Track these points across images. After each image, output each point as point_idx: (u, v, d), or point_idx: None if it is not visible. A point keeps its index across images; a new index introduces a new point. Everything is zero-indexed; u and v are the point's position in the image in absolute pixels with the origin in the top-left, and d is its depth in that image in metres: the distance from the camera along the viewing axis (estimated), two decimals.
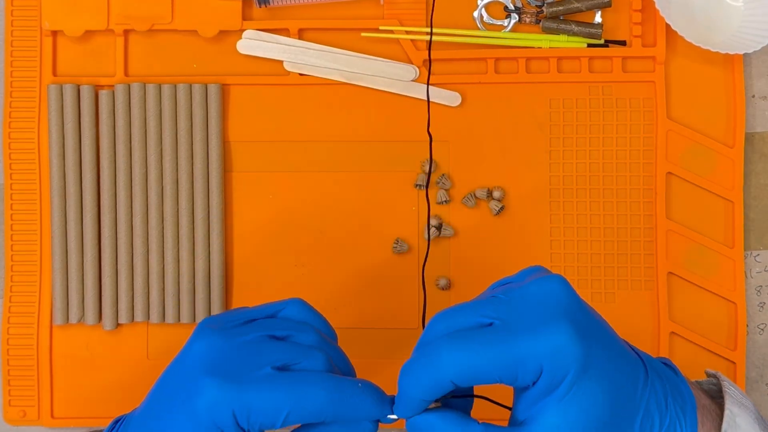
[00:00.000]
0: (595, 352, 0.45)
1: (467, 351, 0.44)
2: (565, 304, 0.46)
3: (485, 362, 0.44)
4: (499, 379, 0.45)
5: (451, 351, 0.45)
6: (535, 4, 0.68)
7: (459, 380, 0.45)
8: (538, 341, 0.44)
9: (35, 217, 0.67)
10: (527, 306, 0.46)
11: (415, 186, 0.67)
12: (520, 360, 0.44)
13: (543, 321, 0.44)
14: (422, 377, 0.46)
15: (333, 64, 0.68)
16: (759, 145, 0.68)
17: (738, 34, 0.67)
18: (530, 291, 0.46)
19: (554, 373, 0.44)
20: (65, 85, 0.67)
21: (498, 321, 0.45)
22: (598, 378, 0.45)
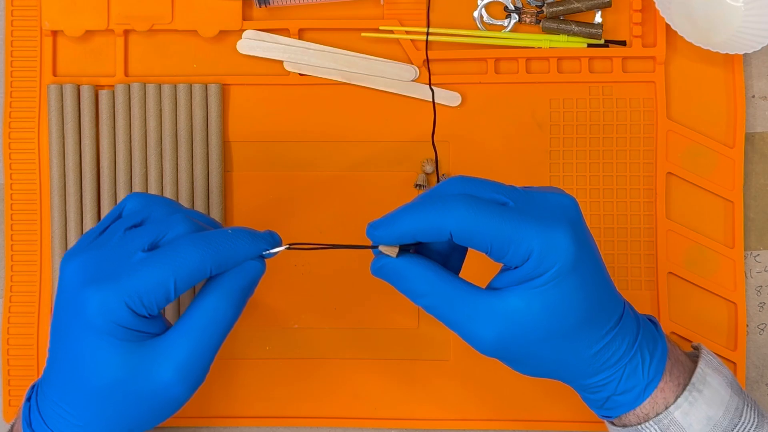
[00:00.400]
0: (584, 262, 0.49)
1: (476, 211, 0.48)
2: (572, 216, 0.50)
3: (486, 228, 0.48)
4: (489, 248, 0.49)
5: (462, 206, 0.48)
6: (535, 4, 0.68)
7: (457, 234, 0.49)
8: (538, 229, 0.48)
9: (35, 217, 0.67)
10: (540, 204, 0.50)
11: (415, 186, 0.67)
12: (516, 239, 0.48)
13: (549, 218, 0.49)
14: (426, 218, 0.49)
15: (333, 64, 0.68)
16: (759, 145, 0.68)
17: (738, 34, 0.67)
18: (546, 196, 0.51)
19: (540, 262, 0.48)
20: (65, 85, 0.67)
21: (511, 203, 0.49)
22: (578, 286, 0.49)
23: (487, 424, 0.67)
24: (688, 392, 0.52)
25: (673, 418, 0.52)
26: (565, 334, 0.50)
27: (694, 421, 0.52)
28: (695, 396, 0.52)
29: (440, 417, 0.67)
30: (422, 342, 0.67)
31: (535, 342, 0.50)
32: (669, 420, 0.52)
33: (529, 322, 0.49)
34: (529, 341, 0.50)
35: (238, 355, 0.67)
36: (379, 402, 0.67)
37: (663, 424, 0.52)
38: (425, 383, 0.67)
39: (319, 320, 0.67)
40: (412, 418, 0.67)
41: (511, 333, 0.49)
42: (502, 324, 0.49)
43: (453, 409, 0.67)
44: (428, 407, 0.67)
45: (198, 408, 0.67)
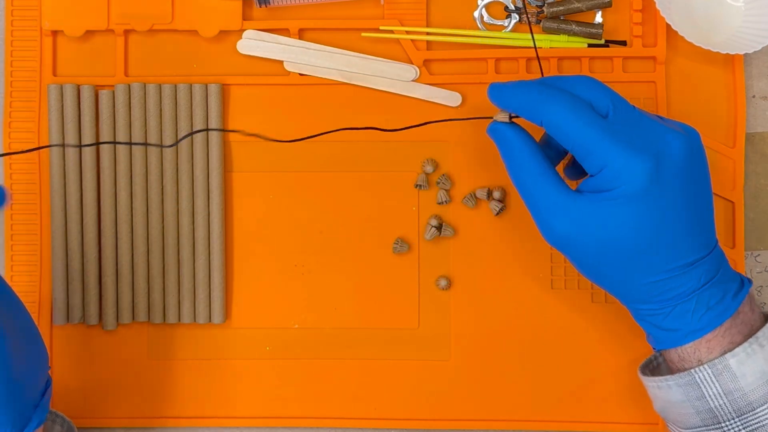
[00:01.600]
0: (662, 197, 0.52)
1: (570, 113, 0.53)
2: (669, 152, 0.53)
3: (573, 131, 0.53)
4: (572, 149, 0.53)
5: (561, 103, 0.53)
6: (535, 4, 0.68)
7: (548, 126, 0.54)
8: (618, 149, 0.52)
9: (35, 217, 0.67)
10: (643, 131, 0.53)
11: (415, 186, 0.67)
12: (595, 150, 0.52)
13: (638, 144, 0.52)
14: (529, 99, 0.54)
15: (333, 64, 0.68)
16: (759, 145, 0.68)
17: (738, 34, 0.67)
18: (657, 128, 0.54)
19: (611, 179, 0.52)
20: (65, 85, 0.67)
21: (611, 119, 0.53)
22: (645, 215, 0.52)
23: (487, 424, 0.67)
24: (748, 344, 0.53)
25: (728, 365, 0.53)
26: (622, 254, 0.53)
27: (749, 372, 0.53)
28: (755, 348, 0.53)
29: (440, 417, 0.67)
30: (422, 342, 0.67)
31: (595, 251, 0.53)
32: (723, 366, 0.53)
33: (593, 230, 0.53)
34: (589, 248, 0.53)
35: (239, 355, 0.67)
36: (379, 402, 0.67)
37: (717, 369, 0.53)
38: (425, 383, 0.67)
39: (319, 320, 0.67)
40: (412, 418, 0.67)
41: (576, 234, 0.53)
42: (569, 223, 0.53)
43: (453, 409, 0.67)
44: (428, 407, 0.67)
45: (198, 408, 0.67)
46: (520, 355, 0.67)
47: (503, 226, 0.67)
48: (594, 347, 0.66)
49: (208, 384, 0.67)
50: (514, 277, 0.67)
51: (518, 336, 0.67)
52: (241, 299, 0.68)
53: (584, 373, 0.66)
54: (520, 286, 0.67)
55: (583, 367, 0.66)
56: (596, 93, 0.54)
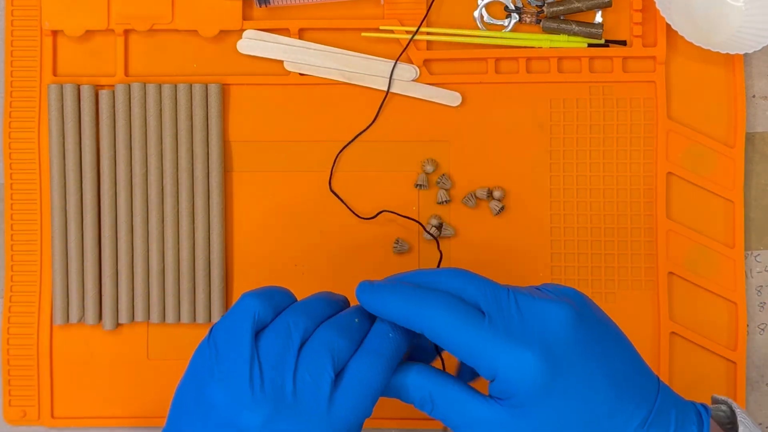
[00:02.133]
0: (567, 382, 0.46)
1: (449, 318, 0.47)
2: (556, 333, 0.47)
3: (454, 339, 0.47)
4: (459, 357, 0.48)
5: (438, 309, 0.47)
6: (535, 4, 0.68)
7: (429, 335, 0.48)
8: (503, 349, 0.46)
9: (35, 217, 0.67)
10: (524, 318, 0.47)
11: (415, 186, 0.67)
12: (482, 356, 0.47)
13: (522, 337, 0.47)
14: (403, 308, 0.48)
15: (333, 64, 0.68)
16: (759, 145, 0.68)
17: (738, 34, 0.67)
18: (537, 307, 0.48)
19: (506, 383, 0.46)
20: (65, 85, 0.67)
21: (491, 314, 0.47)
22: (562, 408, 0.46)
23: None
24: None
25: None
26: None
27: None
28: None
29: None
30: None
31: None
32: None
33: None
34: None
35: None
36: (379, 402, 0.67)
37: None
38: None
39: None
40: (412, 417, 0.67)
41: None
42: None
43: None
44: None
45: None
46: None
47: (503, 226, 0.67)
48: None
49: None
50: (514, 277, 0.67)
51: None
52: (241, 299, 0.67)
53: None
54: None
55: None
56: (468, 287, 0.49)
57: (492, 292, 0.48)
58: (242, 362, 0.47)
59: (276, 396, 0.47)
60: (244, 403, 0.47)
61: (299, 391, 0.47)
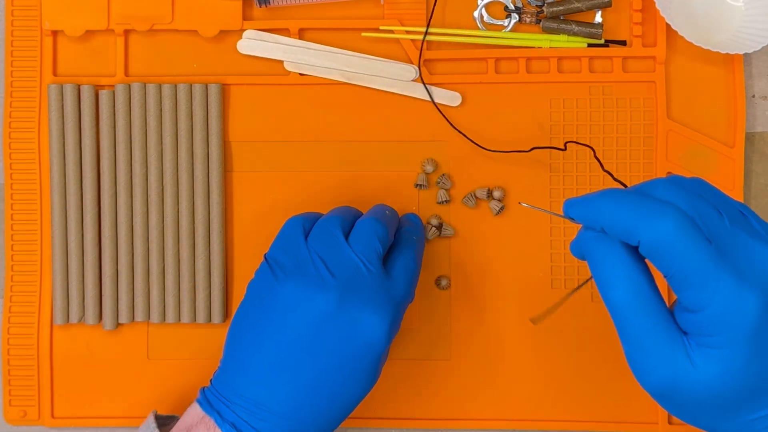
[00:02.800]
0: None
1: (676, 234, 0.44)
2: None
3: (675, 258, 0.44)
4: (669, 277, 0.45)
5: (665, 221, 0.44)
6: (535, 4, 0.68)
7: (645, 248, 0.45)
8: (725, 284, 0.44)
9: (35, 217, 0.67)
10: (749, 255, 0.45)
11: (415, 186, 0.67)
12: (698, 284, 0.44)
13: (746, 276, 0.44)
14: (621, 216, 0.45)
15: (333, 64, 0.68)
16: (759, 145, 0.68)
17: (738, 34, 0.67)
18: (755, 249, 0.45)
19: (716, 320, 0.44)
20: (65, 85, 0.67)
21: (715, 247, 0.44)
22: (757, 356, 0.44)
23: (487, 424, 0.67)
24: None
25: None
26: (729, 402, 0.46)
27: None
28: None
29: (440, 417, 0.67)
30: (422, 342, 0.67)
31: (699, 402, 0.46)
32: None
33: (698, 383, 0.45)
34: (693, 400, 0.46)
35: None
36: (379, 402, 0.67)
37: None
38: (425, 383, 0.67)
39: None
40: (412, 417, 0.67)
41: (678, 387, 0.46)
42: (671, 376, 0.46)
43: (453, 409, 0.67)
44: (428, 407, 0.67)
45: None
46: (519, 355, 0.67)
47: (503, 226, 0.67)
48: (593, 346, 0.66)
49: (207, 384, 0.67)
50: (514, 277, 0.67)
51: (518, 336, 0.67)
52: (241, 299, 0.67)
53: (584, 372, 0.66)
54: (520, 286, 0.67)
55: (582, 366, 0.66)
56: (695, 205, 0.45)
57: (727, 213, 0.46)
58: (303, 259, 0.56)
59: (340, 276, 0.55)
60: (316, 288, 0.55)
61: (357, 269, 0.56)
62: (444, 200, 0.67)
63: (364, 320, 0.55)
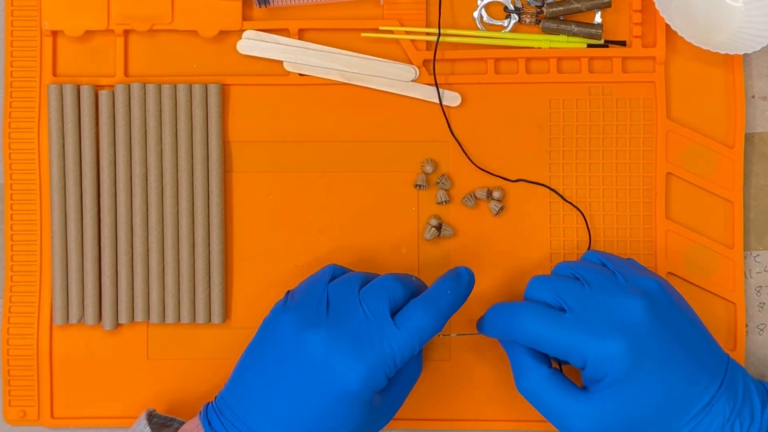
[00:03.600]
0: (648, 365, 0.54)
1: (534, 323, 0.56)
2: (635, 322, 0.55)
3: (545, 339, 0.56)
4: (552, 354, 0.56)
5: (523, 318, 0.57)
6: (535, 5, 0.68)
7: (523, 342, 0.57)
8: (589, 340, 0.54)
9: (35, 217, 0.67)
10: (602, 311, 0.55)
11: (415, 186, 0.67)
12: (572, 349, 0.55)
13: (604, 328, 0.54)
14: (498, 328, 0.59)
15: (333, 64, 0.68)
16: (759, 145, 0.68)
17: (738, 34, 0.67)
18: (612, 302, 0.56)
19: (595, 370, 0.55)
20: (65, 85, 0.67)
21: (569, 314, 0.56)
22: (643, 388, 0.54)
23: (487, 424, 0.67)
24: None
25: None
26: (643, 427, 0.54)
27: None
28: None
29: (440, 417, 0.67)
30: None
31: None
32: None
33: (608, 420, 0.55)
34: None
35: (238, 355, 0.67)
36: None
37: None
38: (425, 383, 0.67)
39: None
40: (412, 418, 0.67)
41: (595, 428, 0.55)
42: (585, 421, 0.55)
43: (453, 409, 0.67)
44: (428, 407, 0.67)
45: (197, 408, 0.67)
46: None
47: (503, 226, 0.67)
48: None
49: (208, 384, 0.67)
50: (513, 277, 0.67)
51: None
52: (241, 299, 0.68)
53: None
54: (520, 286, 0.67)
55: None
56: (546, 293, 0.57)
57: (571, 291, 0.56)
58: (313, 297, 0.57)
59: (334, 317, 0.56)
60: (309, 323, 0.55)
61: (356, 314, 0.56)
62: (444, 200, 0.67)
63: (343, 364, 0.54)
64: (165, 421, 0.62)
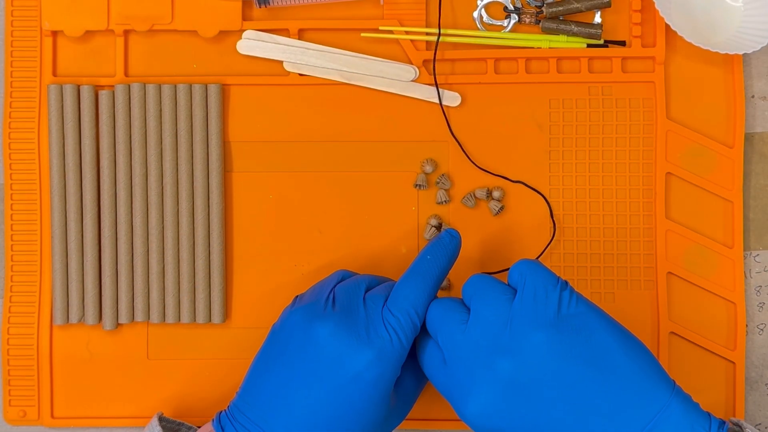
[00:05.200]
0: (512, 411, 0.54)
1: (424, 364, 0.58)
2: (491, 390, 0.55)
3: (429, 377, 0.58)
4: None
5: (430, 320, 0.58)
6: (534, 5, 0.68)
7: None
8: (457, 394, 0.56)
9: (35, 217, 0.67)
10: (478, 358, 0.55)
11: (415, 186, 0.68)
12: (446, 395, 0.57)
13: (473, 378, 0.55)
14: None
15: (333, 64, 0.68)
16: (759, 145, 0.68)
17: (738, 34, 0.67)
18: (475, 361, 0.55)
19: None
20: (65, 85, 0.67)
21: (448, 357, 0.56)
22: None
23: None
24: None
25: None
26: None
27: None
28: None
29: (440, 417, 0.67)
30: None
31: None
32: None
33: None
34: None
35: (239, 355, 0.67)
36: None
37: None
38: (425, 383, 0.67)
39: None
40: (412, 418, 0.66)
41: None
42: None
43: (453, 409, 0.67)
44: (428, 407, 0.67)
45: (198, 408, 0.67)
46: None
47: (503, 226, 0.67)
48: None
49: (208, 383, 0.67)
50: None
51: None
52: (241, 299, 0.68)
53: None
54: None
55: None
56: (446, 328, 0.56)
57: (449, 339, 0.56)
58: (320, 296, 0.58)
59: (343, 314, 0.57)
60: (315, 317, 0.56)
61: (361, 315, 0.57)
62: (443, 200, 0.67)
63: (352, 349, 0.55)
64: (174, 426, 0.62)
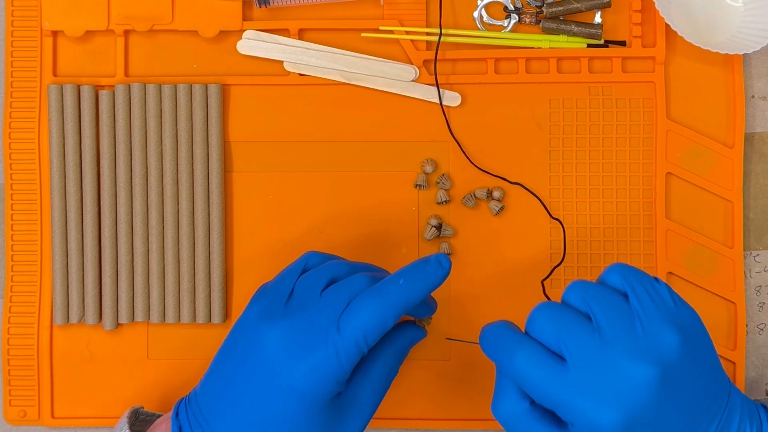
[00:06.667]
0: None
1: (529, 369, 0.50)
2: (638, 396, 0.48)
3: (536, 388, 0.50)
4: (539, 401, 0.50)
5: (518, 360, 0.51)
6: (534, 5, 0.68)
7: (516, 383, 0.52)
8: (582, 406, 0.48)
9: (35, 217, 0.67)
10: (603, 374, 0.48)
11: (415, 186, 0.68)
12: (561, 405, 0.49)
13: (600, 398, 0.48)
14: (493, 356, 0.53)
15: (333, 64, 0.68)
16: (759, 145, 0.68)
17: (738, 34, 0.67)
18: (616, 364, 0.48)
19: (581, 431, 0.49)
20: (65, 85, 0.67)
21: (569, 367, 0.49)
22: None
23: (487, 424, 0.67)
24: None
25: None
26: None
27: None
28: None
29: (440, 417, 0.67)
30: (422, 342, 0.67)
31: None
32: None
33: None
34: None
35: None
36: None
37: None
38: (425, 383, 0.67)
39: None
40: (413, 418, 0.67)
41: None
42: None
43: (452, 409, 0.67)
44: (428, 407, 0.67)
45: None
46: None
47: (503, 226, 0.67)
48: None
49: None
50: (513, 277, 0.67)
51: None
52: (241, 299, 0.68)
53: None
54: (520, 287, 0.67)
55: None
56: (549, 332, 0.50)
57: (576, 337, 0.50)
58: (280, 289, 0.55)
59: (293, 314, 0.53)
60: (268, 317, 0.53)
61: (311, 315, 0.52)
62: (444, 200, 0.67)
63: (288, 360, 0.52)
64: (152, 418, 0.61)
